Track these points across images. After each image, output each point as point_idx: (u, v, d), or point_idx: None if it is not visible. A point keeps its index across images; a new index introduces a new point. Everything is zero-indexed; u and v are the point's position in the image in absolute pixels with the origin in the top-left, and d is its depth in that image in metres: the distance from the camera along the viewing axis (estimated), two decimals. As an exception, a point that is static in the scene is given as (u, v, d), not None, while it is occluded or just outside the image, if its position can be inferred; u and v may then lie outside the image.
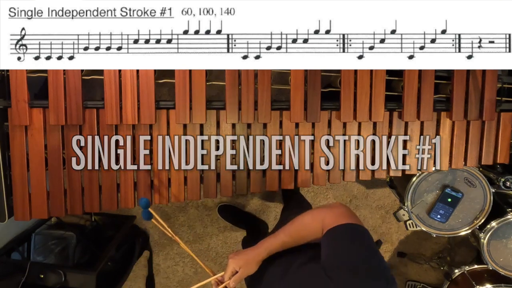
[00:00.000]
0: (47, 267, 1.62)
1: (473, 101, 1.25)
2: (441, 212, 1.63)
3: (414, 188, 1.64)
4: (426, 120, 1.27)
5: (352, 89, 1.22)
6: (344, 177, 1.31)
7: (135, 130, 1.23)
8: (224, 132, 1.25)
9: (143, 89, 1.19)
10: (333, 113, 1.27)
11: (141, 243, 2.22)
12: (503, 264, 1.75)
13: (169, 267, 2.32)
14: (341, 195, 2.28)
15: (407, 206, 1.66)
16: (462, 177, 1.62)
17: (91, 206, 1.26)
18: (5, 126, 1.22)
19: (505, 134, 1.30)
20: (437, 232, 1.69)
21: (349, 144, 1.28)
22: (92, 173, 1.24)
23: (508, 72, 1.31)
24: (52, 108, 1.18)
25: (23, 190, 1.23)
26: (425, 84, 1.23)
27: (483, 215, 1.65)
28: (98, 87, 1.26)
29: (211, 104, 1.23)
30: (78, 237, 1.90)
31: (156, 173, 1.24)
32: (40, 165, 1.22)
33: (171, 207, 2.27)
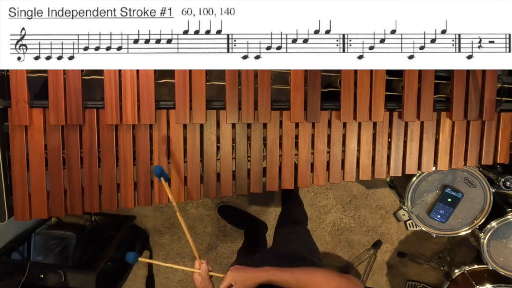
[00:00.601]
0: (47, 267, 1.62)
1: (473, 101, 1.25)
2: (441, 212, 1.63)
3: (414, 188, 1.64)
4: (426, 120, 1.27)
5: (352, 89, 1.22)
6: (344, 177, 1.31)
7: (135, 130, 1.23)
8: (224, 132, 1.25)
9: (143, 89, 1.19)
10: (333, 113, 1.27)
11: (141, 243, 2.22)
12: (503, 264, 1.75)
13: (169, 267, 2.32)
14: (341, 195, 2.28)
15: (407, 206, 1.66)
16: (462, 177, 1.62)
17: (91, 206, 1.26)
18: (5, 126, 1.22)
19: (505, 134, 1.30)
20: (437, 232, 1.69)
21: (349, 144, 1.28)
22: (92, 173, 1.24)
23: (508, 72, 1.31)
24: (52, 108, 1.18)
25: (23, 190, 1.23)
26: (425, 84, 1.23)
27: (483, 215, 1.65)
28: (98, 87, 1.26)
29: (211, 104, 1.23)
30: (78, 237, 1.90)
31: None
32: (40, 165, 1.22)
33: (171, 207, 2.27)
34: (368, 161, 1.30)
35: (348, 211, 2.29)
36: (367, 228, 2.30)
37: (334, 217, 2.31)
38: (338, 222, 2.31)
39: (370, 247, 2.33)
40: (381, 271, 2.38)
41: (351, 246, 2.34)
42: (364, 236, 2.32)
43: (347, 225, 2.31)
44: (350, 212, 2.29)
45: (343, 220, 2.31)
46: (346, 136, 1.28)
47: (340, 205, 2.29)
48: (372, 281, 2.37)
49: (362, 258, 2.35)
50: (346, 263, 2.35)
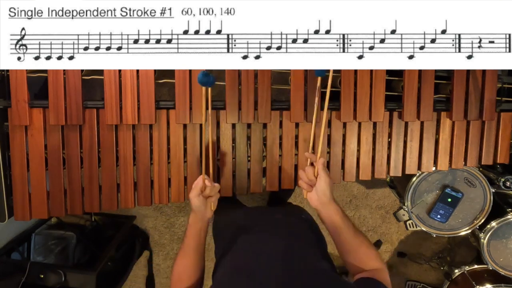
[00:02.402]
0: (47, 267, 1.62)
1: (473, 101, 1.25)
2: (441, 212, 1.63)
3: (414, 188, 1.64)
4: (426, 120, 1.27)
5: (352, 89, 1.22)
6: (344, 177, 1.31)
7: (135, 130, 1.23)
8: (224, 132, 1.25)
9: (143, 89, 1.19)
10: (333, 113, 1.27)
11: (141, 243, 2.22)
12: (503, 264, 1.75)
13: (169, 267, 2.32)
14: (341, 195, 2.28)
15: (407, 206, 1.66)
16: (462, 177, 1.62)
17: (91, 206, 1.26)
18: (5, 126, 1.22)
19: (505, 134, 1.30)
20: (437, 232, 1.69)
21: (349, 144, 1.28)
22: (92, 173, 1.24)
23: (508, 72, 1.31)
24: (52, 108, 1.18)
25: (23, 190, 1.23)
26: (425, 84, 1.23)
27: (483, 215, 1.65)
28: (98, 87, 1.26)
29: (211, 104, 1.23)
30: (78, 237, 1.91)
31: (156, 173, 1.24)
32: (40, 165, 1.22)
33: (171, 207, 2.27)
34: (368, 161, 1.30)
35: (348, 211, 2.29)
36: (367, 228, 2.30)
37: (334, 217, 2.30)
38: (338, 222, 2.31)
39: (370, 247, 2.33)
40: (381, 271, 2.38)
41: (351, 246, 2.34)
42: (364, 236, 2.31)
43: (347, 225, 2.31)
44: (350, 212, 2.29)
45: (343, 220, 2.30)
46: (346, 136, 1.28)
47: (340, 205, 2.28)
48: (372, 281, 2.36)
49: (362, 258, 2.34)
50: (346, 263, 2.35)
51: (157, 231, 2.29)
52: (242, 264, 0.90)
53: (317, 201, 0.97)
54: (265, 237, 0.99)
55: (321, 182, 0.96)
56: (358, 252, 0.92)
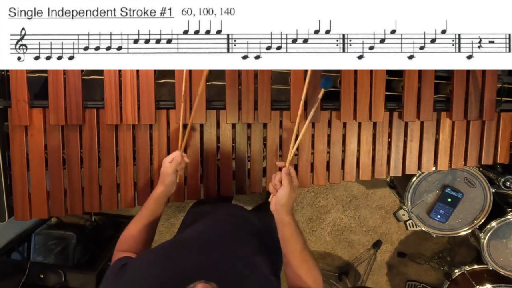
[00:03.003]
0: (47, 267, 1.63)
1: (473, 101, 1.25)
2: (441, 212, 1.63)
3: (414, 188, 1.64)
4: (426, 120, 1.27)
5: (352, 89, 1.22)
6: (344, 177, 1.31)
7: (135, 130, 1.23)
8: (224, 132, 1.25)
9: (143, 89, 1.19)
10: (333, 113, 1.27)
11: (141, 243, 2.21)
12: (503, 264, 1.75)
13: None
14: (341, 195, 2.28)
15: (407, 206, 1.66)
16: (462, 177, 1.62)
17: (91, 206, 1.26)
18: (5, 126, 1.22)
19: (505, 134, 1.30)
20: (437, 232, 1.69)
21: (349, 144, 1.28)
22: (92, 173, 1.24)
23: (508, 72, 1.31)
24: (52, 108, 1.18)
25: (23, 190, 1.23)
26: (425, 84, 1.23)
27: (483, 215, 1.65)
28: (98, 87, 1.27)
29: (211, 104, 1.23)
30: (78, 237, 1.91)
31: (156, 173, 1.24)
32: (40, 165, 1.22)
33: (171, 207, 2.26)
34: (368, 161, 1.30)
35: (348, 211, 2.29)
36: (367, 228, 2.30)
37: (334, 217, 2.31)
38: (338, 222, 2.31)
39: (370, 247, 2.33)
40: (381, 271, 2.38)
41: (351, 246, 2.34)
42: (364, 236, 2.32)
43: (347, 225, 2.31)
44: (350, 212, 2.29)
45: (343, 220, 2.31)
46: (346, 136, 1.28)
47: (340, 205, 2.29)
48: (372, 281, 2.37)
49: (362, 258, 2.35)
50: (346, 263, 2.35)
51: (157, 231, 2.28)
52: (183, 238, 1.04)
53: (273, 207, 0.97)
54: (214, 222, 1.07)
55: (281, 191, 0.95)
56: (299, 268, 0.92)
